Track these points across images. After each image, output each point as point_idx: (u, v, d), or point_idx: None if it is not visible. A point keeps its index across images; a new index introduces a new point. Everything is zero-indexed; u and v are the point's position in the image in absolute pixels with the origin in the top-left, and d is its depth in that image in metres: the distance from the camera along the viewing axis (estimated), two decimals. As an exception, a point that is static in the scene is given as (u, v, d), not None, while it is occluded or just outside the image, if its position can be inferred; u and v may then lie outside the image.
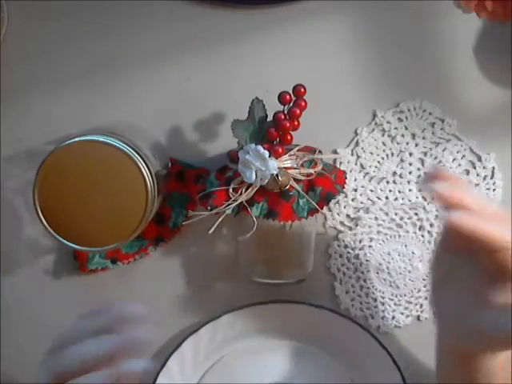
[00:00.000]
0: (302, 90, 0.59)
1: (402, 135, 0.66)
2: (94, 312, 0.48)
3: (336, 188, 0.60)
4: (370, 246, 0.66)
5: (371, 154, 0.66)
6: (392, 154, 0.66)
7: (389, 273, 0.67)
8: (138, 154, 0.55)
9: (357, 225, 0.66)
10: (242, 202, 0.58)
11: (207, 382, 0.66)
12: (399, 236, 0.66)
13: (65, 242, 0.56)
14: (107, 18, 0.64)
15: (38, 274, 0.67)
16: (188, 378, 0.66)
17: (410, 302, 0.67)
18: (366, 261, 0.67)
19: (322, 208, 0.59)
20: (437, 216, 0.66)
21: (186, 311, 0.67)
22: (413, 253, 0.66)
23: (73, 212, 0.55)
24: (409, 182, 0.66)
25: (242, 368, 0.66)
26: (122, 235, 0.56)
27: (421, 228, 0.66)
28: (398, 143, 0.66)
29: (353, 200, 0.66)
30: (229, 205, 0.58)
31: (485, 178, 0.66)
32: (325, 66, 0.65)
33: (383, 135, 0.66)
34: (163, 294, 0.67)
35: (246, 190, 0.58)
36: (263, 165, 0.56)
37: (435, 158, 0.66)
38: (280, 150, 0.58)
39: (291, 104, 0.59)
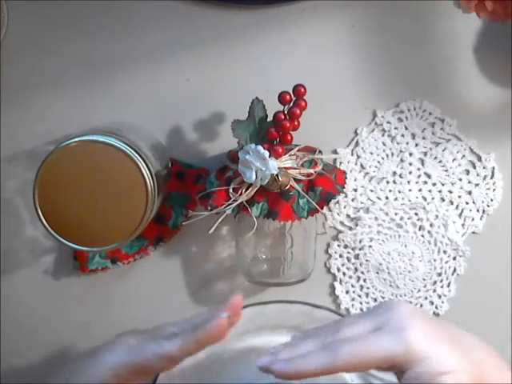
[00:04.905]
0: (302, 90, 0.59)
1: (402, 135, 0.66)
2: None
3: (336, 188, 0.60)
4: (370, 246, 0.66)
5: (371, 154, 0.66)
6: (392, 154, 0.66)
7: (389, 273, 0.67)
8: (138, 153, 0.55)
9: (357, 225, 0.66)
10: (242, 202, 0.58)
11: (207, 382, 0.66)
12: (399, 236, 0.66)
13: (65, 242, 0.56)
14: (107, 18, 0.64)
15: (38, 274, 0.67)
16: (188, 378, 0.66)
17: (410, 302, 0.67)
18: (366, 261, 0.67)
19: (322, 208, 0.59)
20: (437, 216, 0.66)
21: (186, 311, 0.67)
22: (413, 253, 0.66)
23: (73, 212, 0.55)
24: (409, 182, 0.66)
25: (242, 368, 0.66)
26: (122, 235, 0.56)
27: (421, 228, 0.66)
28: (398, 143, 0.66)
29: (353, 200, 0.67)
30: (229, 205, 0.58)
31: (485, 177, 0.66)
32: (325, 66, 0.65)
33: (383, 135, 0.66)
34: (163, 293, 0.67)
35: (246, 190, 0.58)
36: (263, 165, 0.56)
37: (435, 157, 0.66)
38: (280, 150, 0.58)
39: (291, 104, 0.59)
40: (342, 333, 0.48)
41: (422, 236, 0.66)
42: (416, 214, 0.66)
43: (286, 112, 0.59)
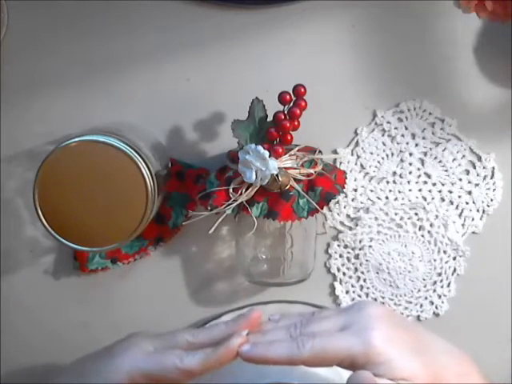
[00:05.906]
0: (302, 90, 0.59)
1: (402, 135, 0.66)
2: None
3: (336, 188, 0.60)
4: (370, 246, 0.66)
5: (371, 153, 0.66)
6: (392, 154, 0.66)
7: (389, 273, 0.67)
8: (138, 153, 0.55)
9: (357, 225, 0.66)
10: (242, 202, 0.58)
11: (207, 382, 0.66)
12: (399, 236, 0.66)
13: (65, 242, 0.56)
14: (107, 18, 0.64)
15: (38, 273, 0.67)
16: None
17: (410, 302, 0.67)
18: (366, 261, 0.67)
19: (322, 208, 0.59)
20: (437, 216, 0.66)
21: (186, 311, 0.67)
22: (413, 253, 0.66)
23: (73, 212, 0.55)
24: (409, 182, 0.66)
25: (241, 367, 0.66)
26: (121, 235, 0.56)
27: (421, 228, 0.66)
28: (398, 143, 0.66)
29: (353, 200, 0.66)
30: (229, 205, 0.58)
31: (485, 177, 0.66)
32: (325, 66, 0.65)
33: (383, 135, 0.66)
34: (163, 293, 0.67)
35: (246, 190, 0.58)
36: (263, 165, 0.56)
37: (435, 157, 0.66)
38: (280, 150, 0.58)
39: (291, 104, 0.59)
40: (311, 326, 0.49)
41: (422, 236, 0.66)
42: (416, 214, 0.66)
43: (285, 112, 0.59)
